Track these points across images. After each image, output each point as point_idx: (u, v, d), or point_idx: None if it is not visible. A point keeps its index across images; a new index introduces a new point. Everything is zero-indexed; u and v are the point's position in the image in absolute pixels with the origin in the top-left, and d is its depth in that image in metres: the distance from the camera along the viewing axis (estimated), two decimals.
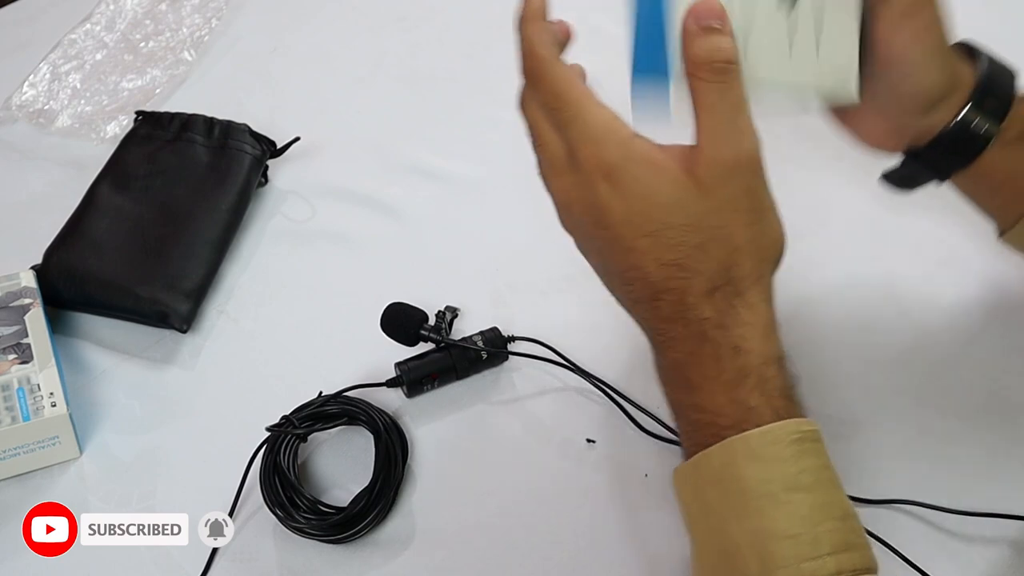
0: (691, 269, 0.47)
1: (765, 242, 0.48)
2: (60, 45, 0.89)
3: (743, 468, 0.45)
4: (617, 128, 0.47)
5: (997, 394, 0.64)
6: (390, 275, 0.72)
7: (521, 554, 0.58)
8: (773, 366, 0.46)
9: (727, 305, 0.46)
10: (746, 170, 0.46)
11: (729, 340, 0.46)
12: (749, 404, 0.46)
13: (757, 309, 0.47)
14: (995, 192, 0.59)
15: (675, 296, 0.47)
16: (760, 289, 0.47)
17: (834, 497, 0.45)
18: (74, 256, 0.70)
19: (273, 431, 0.60)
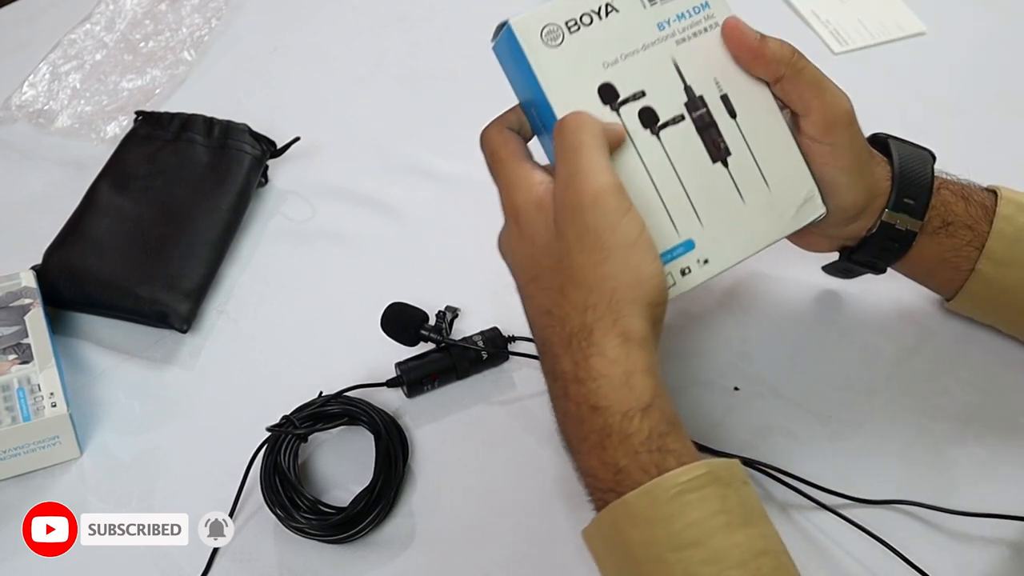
0: (556, 316, 0.47)
1: (620, 282, 0.46)
2: (60, 45, 0.89)
3: (627, 533, 0.44)
4: (528, 176, 0.49)
5: (997, 394, 0.64)
6: (390, 275, 0.72)
7: (521, 554, 0.58)
8: (636, 418, 0.45)
9: (581, 356, 0.46)
10: (587, 209, 0.46)
11: (586, 398, 0.45)
12: (618, 465, 0.44)
13: (612, 356, 0.45)
14: (931, 274, 0.61)
15: (548, 348, 0.48)
16: (617, 333, 0.45)
17: (732, 541, 0.43)
18: (74, 256, 0.70)
19: (273, 431, 0.60)
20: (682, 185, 0.51)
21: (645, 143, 0.51)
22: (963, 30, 0.91)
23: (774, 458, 0.60)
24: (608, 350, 0.45)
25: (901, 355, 0.66)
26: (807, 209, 0.54)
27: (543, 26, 0.50)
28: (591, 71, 0.50)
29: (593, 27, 0.50)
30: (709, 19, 0.52)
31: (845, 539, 0.57)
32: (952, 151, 0.79)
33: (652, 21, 0.51)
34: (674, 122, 0.51)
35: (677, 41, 0.52)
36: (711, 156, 0.52)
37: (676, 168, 0.51)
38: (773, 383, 0.65)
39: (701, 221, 0.51)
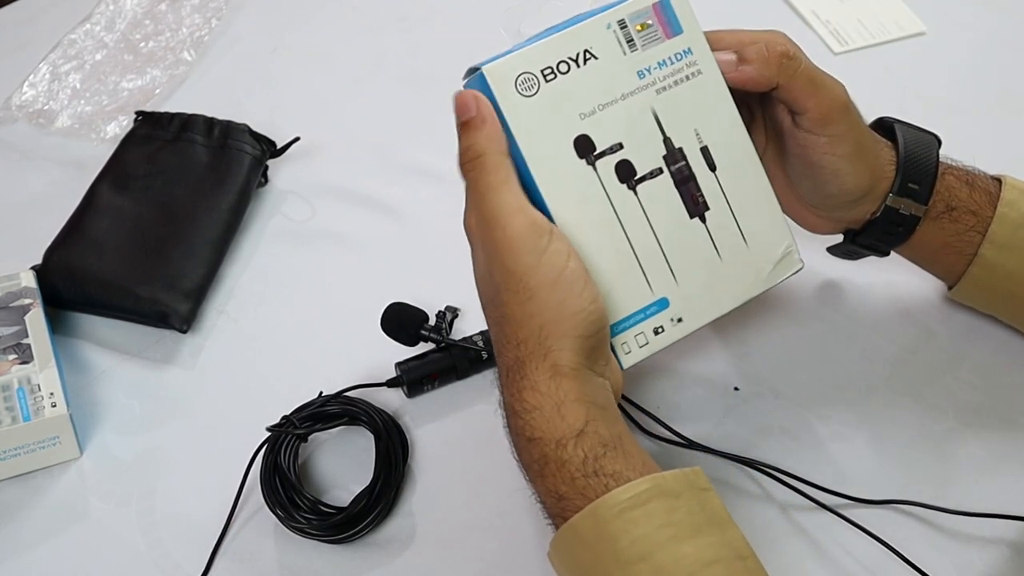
0: (499, 347, 0.48)
1: (546, 318, 0.46)
2: (60, 45, 0.89)
3: (578, 555, 0.45)
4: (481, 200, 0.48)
5: (997, 394, 0.64)
6: (390, 275, 0.72)
7: (521, 554, 0.58)
8: (570, 445, 0.45)
9: (516, 389, 0.47)
10: (504, 253, 0.46)
11: (522, 429, 0.47)
12: (559, 492, 0.45)
13: (543, 389, 0.46)
14: (934, 258, 0.61)
15: (497, 376, 0.49)
16: (547, 367, 0.46)
17: (679, 553, 0.43)
18: (74, 256, 0.70)
19: (273, 431, 0.60)
20: (658, 242, 0.50)
21: (621, 198, 0.49)
22: (963, 30, 0.91)
23: (774, 458, 0.60)
24: (539, 384, 0.46)
25: (901, 355, 0.66)
26: (784, 265, 0.53)
27: (518, 75, 0.48)
28: (566, 122, 0.49)
29: (570, 75, 0.48)
30: (692, 66, 0.50)
31: (845, 539, 0.57)
32: (952, 151, 0.79)
33: (632, 69, 0.49)
34: (651, 176, 0.50)
35: (657, 90, 0.50)
36: (689, 211, 0.50)
37: (652, 224, 0.50)
38: (773, 383, 0.65)
39: (676, 279, 0.50)
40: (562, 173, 0.48)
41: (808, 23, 0.92)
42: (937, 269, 0.63)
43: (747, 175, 0.52)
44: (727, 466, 0.60)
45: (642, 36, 0.49)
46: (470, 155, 0.48)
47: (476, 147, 0.48)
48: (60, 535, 0.60)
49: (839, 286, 0.69)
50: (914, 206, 0.57)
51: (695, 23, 0.51)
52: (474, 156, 0.48)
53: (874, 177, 0.56)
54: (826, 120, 0.52)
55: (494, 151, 0.48)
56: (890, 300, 0.68)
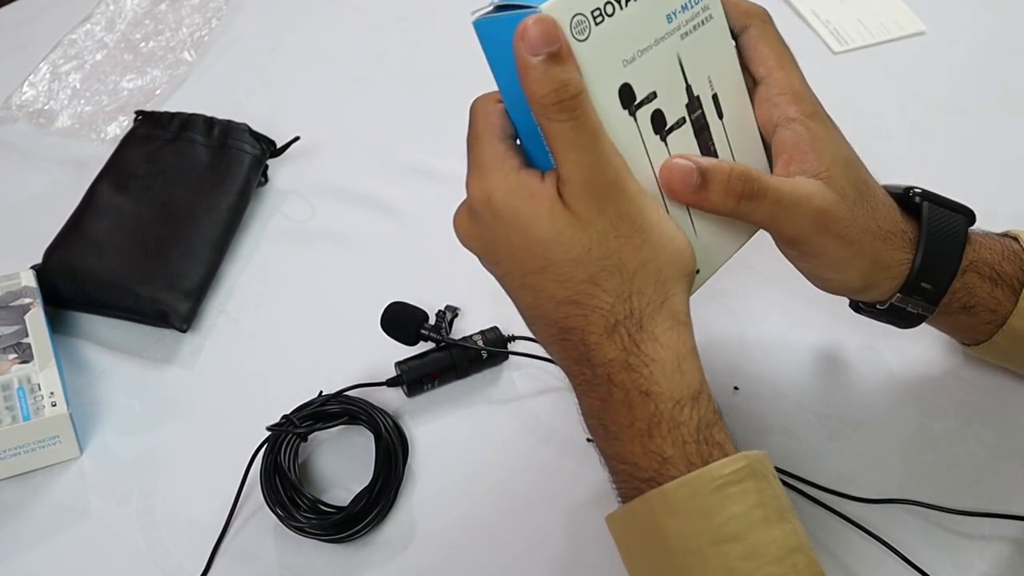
0: (587, 305, 0.44)
1: (662, 261, 0.44)
2: (60, 45, 0.89)
3: (665, 524, 0.43)
4: (504, 159, 0.45)
5: (997, 393, 0.64)
6: (390, 274, 0.72)
7: (522, 554, 0.58)
8: (687, 407, 0.44)
9: (631, 343, 0.44)
10: (616, 196, 0.44)
11: (637, 384, 0.44)
12: (664, 455, 0.43)
13: (664, 341, 0.44)
14: (950, 331, 0.60)
15: (577, 336, 0.45)
16: (666, 315, 0.44)
17: (770, 536, 0.42)
18: (74, 256, 0.70)
19: (274, 430, 0.60)
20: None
21: (655, 149, 0.47)
22: (963, 30, 0.91)
23: (774, 457, 0.60)
24: (660, 334, 0.44)
25: (901, 354, 0.66)
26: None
27: (573, 15, 0.43)
28: (612, 69, 0.45)
29: (615, 18, 0.45)
30: (706, 10, 0.49)
31: (845, 538, 0.57)
32: (952, 151, 0.80)
33: (663, 12, 0.47)
34: (678, 126, 0.48)
35: (682, 35, 0.48)
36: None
37: None
38: (773, 382, 0.65)
39: (695, 230, 0.49)
40: (611, 125, 0.45)
41: (808, 23, 0.92)
42: (952, 336, 0.62)
43: (744, 121, 0.51)
44: None
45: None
46: (570, 91, 0.42)
47: (576, 83, 0.42)
48: (60, 534, 0.60)
49: None
50: (923, 305, 0.53)
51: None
52: (574, 93, 0.42)
53: (869, 279, 0.52)
54: (791, 243, 0.50)
55: (586, 90, 0.43)
56: None
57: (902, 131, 0.82)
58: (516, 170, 0.45)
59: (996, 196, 0.58)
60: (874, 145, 0.55)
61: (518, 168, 0.45)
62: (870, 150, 0.53)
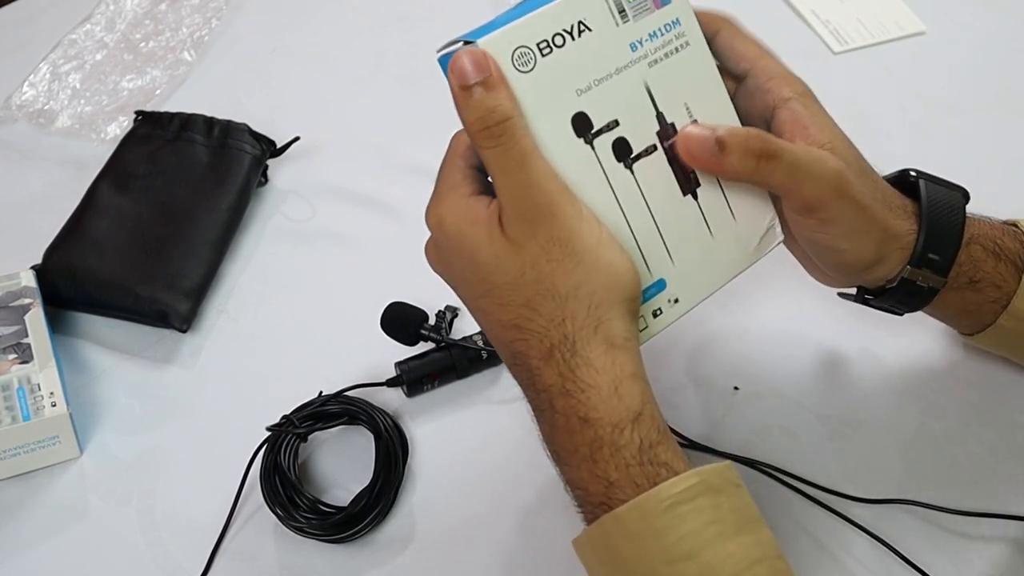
0: (526, 330, 0.45)
1: (596, 284, 0.44)
2: (60, 45, 0.89)
3: (620, 547, 0.43)
4: (459, 185, 0.47)
5: (997, 393, 0.64)
6: (390, 275, 0.71)
7: (522, 554, 0.58)
8: (627, 429, 0.43)
9: (566, 368, 0.44)
10: (546, 220, 0.44)
11: (575, 410, 0.44)
12: (609, 479, 0.43)
13: (599, 365, 0.44)
14: (950, 319, 0.60)
15: (523, 360, 0.45)
16: (600, 340, 0.44)
17: (725, 552, 0.42)
18: (74, 256, 0.70)
19: (273, 431, 0.60)
20: (654, 221, 0.48)
21: (618, 177, 0.47)
22: (963, 30, 0.91)
23: (774, 457, 0.60)
24: (594, 359, 0.44)
25: (901, 353, 0.66)
26: (769, 238, 0.52)
27: (515, 49, 0.44)
28: (564, 99, 0.46)
29: (565, 49, 0.45)
30: (680, 38, 0.49)
31: (845, 538, 0.57)
32: (952, 151, 0.80)
33: (625, 41, 0.47)
34: (647, 153, 0.48)
35: (650, 63, 0.48)
36: (682, 188, 0.49)
37: (648, 203, 0.48)
38: (772, 382, 0.65)
39: (672, 259, 0.49)
40: (561, 154, 0.46)
41: (808, 23, 0.92)
42: (953, 324, 0.61)
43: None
44: None
45: (633, 6, 0.47)
46: (496, 118, 0.43)
47: (503, 109, 0.43)
48: (60, 534, 0.60)
49: None
50: (933, 278, 0.53)
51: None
52: (502, 119, 0.43)
53: (882, 249, 0.52)
54: (811, 208, 0.49)
55: (519, 114, 0.44)
56: None
57: (902, 131, 0.82)
58: (467, 196, 0.46)
59: (996, 196, 0.58)
60: (874, 145, 0.54)
61: (469, 194, 0.46)
62: (870, 150, 0.53)
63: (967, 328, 0.60)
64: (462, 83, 0.44)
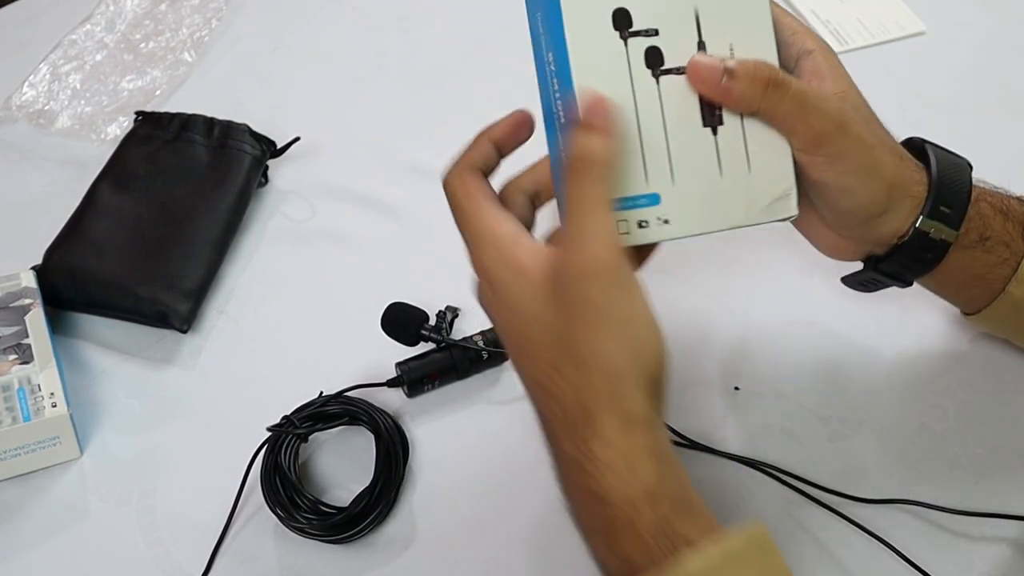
0: (552, 394, 0.44)
1: (620, 358, 0.43)
2: (60, 46, 0.89)
3: None
4: (498, 232, 0.46)
5: (998, 393, 0.64)
6: (390, 275, 0.72)
7: (522, 554, 0.58)
8: (643, 507, 0.42)
9: (583, 444, 0.43)
10: (595, 278, 0.43)
11: (591, 487, 0.43)
12: (628, 557, 0.42)
13: (615, 442, 0.42)
14: (959, 289, 0.59)
15: (548, 427, 0.45)
16: (618, 415, 0.42)
17: None
18: (74, 256, 0.70)
19: (274, 431, 0.60)
20: (666, 135, 0.48)
21: (642, 82, 0.48)
22: (963, 30, 0.91)
23: (775, 457, 0.61)
24: (613, 438, 0.42)
25: (901, 354, 0.66)
26: (780, 206, 0.51)
27: None
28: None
29: None
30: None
31: (846, 538, 0.57)
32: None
33: None
34: (678, 72, 0.48)
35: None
36: (703, 119, 0.49)
37: (665, 117, 0.48)
38: (773, 382, 0.65)
39: (673, 178, 0.49)
40: (594, 41, 0.47)
41: (808, 23, 0.92)
42: (961, 299, 0.61)
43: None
44: (728, 466, 0.60)
45: None
46: (589, 159, 0.44)
47: (599, 155, 0.44)
48: (60, 535, 0.60)
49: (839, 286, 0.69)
50: (945, 231, 0.53)
51: None
52: (593, 161, 0.44)
53: (894, 193, 0.52)
54: (817, 142, 0.49)
55: (613, 164, 0.45)
56: (891, 299, 0.68)
57: (902, 131, 0.81)
58: (511, 243, 0.45)
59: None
60: None
61: (513, 241, 0.46)
62: None
63: (973, 300, 0.59)
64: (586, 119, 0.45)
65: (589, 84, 0.47)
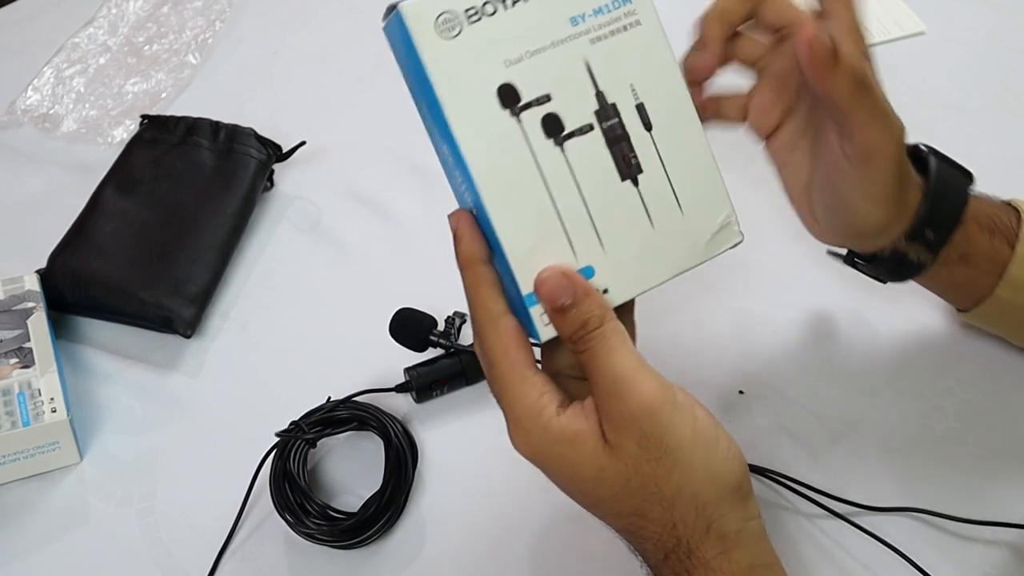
0: (640, 535, 0.44)
1: (697, 484, 0.42)
2: (63, 49, 0.88)
3: None
4: (538, 409, 0.44)
5: (998, 394, 0.64)
6: (399, 280, 0.71)
7: (532, 561, 0.58)
8: None
9: (683, 570, 0.43)
10: (644, 418, 0.42)
11: None
12: None
13: (716, 566, 0.42)
14: (944, 292, 0.60)
15: (641, 556, 0.45)
16: (713, 540, 0.42)
17: None
18: (78, 260, 0.70)
19: (283, 436, 0.60)
20: (585, 205, 0.45)
21: (546, 154, 0.45)
22: (963, 30, 0.91)
23: (775, 459, 0.61)
24: (710, 560, 0.42)
25: (902, 354, 0.66)
26: (723, 236, 0.48)
27: (439, 14, 0.43)
28: (491, 69, 0.44)
29: (496, 17, 0.44)
30: (630, 15, 0.46)
31: (847, 540, 0.58)
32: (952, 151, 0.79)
33: (565, 14, 0.45)
34: (581, 132, 0.45)
35: (592, 40, 0.45)
36: (620, 173, 0.46)
37: (579, 185, 0.45)
38: (774, 384, 0.65)
39: (603, 246, 0.46)
40: (483, 124, 0.44)
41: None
42: (948, 299, 0.61)
43: (685, 137, 0.47)
44: None
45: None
46: (591, 327, 0.43)
47: (596, 317, 0.43)
48: (61, 540, 0.60)
49: (842, 284, 0.70)
50: (924, 254, 0.53)
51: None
52: (596, 327, 0.43)
53: (892, 220, 0.52)
54: (868, 158, 0.48)
55: (610, 316, 0.44)
56: (892, 299, 0.69)
57: None
58: (555, 416, 0.44)
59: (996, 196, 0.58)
60: None
61: (556, 412, 0.44)
62: None
63: (962, 302, 0.60)
64: (555, 306, 0.43)
65: (490, 176, 0.44)
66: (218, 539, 0.59)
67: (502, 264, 0.45)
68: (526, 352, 0.45)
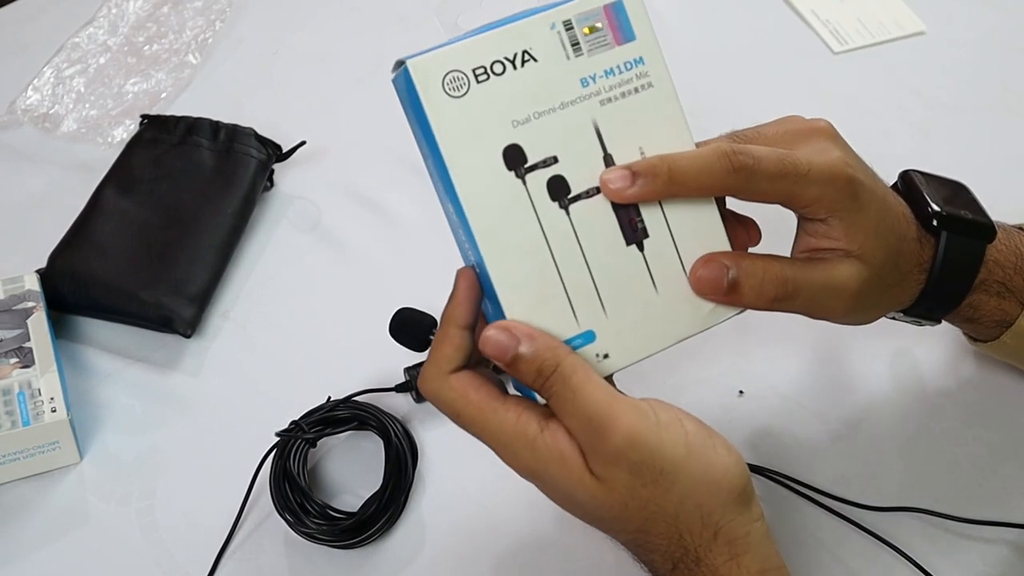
0: (646, 548, 0.44)
1: (700, 496, 0.42)
2: (63, 49, 0.88)
3: None
4: (520, 431, 0.44)
5: (998, 394, 0.64)
6: (399, 280, 0.71)
7: (532, 560, 0.58)
8: None
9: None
10: (630, 450, 0.42)
11: None
12: None
13: (724, 572, 0.43)
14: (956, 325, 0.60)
15: (651, 566, 0.45)
16: (721, 547, 0.43)
17: None
18: (78, 260, 0.69)
19: (283, 436, 0.60)
20: (588, 269, 0.45)
21: (551, 217, 0.44)
22: (963, 30, 0.91)
23: (775, 459, 0.61)
24: (719, 566, 0.43)
25: (902, 355, 0.66)
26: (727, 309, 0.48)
27: (446, 73, 0.43)
28: (497, 130, 0.44)
29: (505, 77, 0.43)
30: (642, 77, 0.45)
31: (847, 540, 0.58)
32: (952, 151, 0.80)
33: (575, 76, 0.44)
34: (587, 195, 0.45)
35: (602, 101, 0.45)
36: (625, 238, 0.45)
37: (584, 248, 0.45)
38: (774, 383, 0.65)
39: (605, 311, 0.46)
40: (487, 185, 0.44)
41: (808, 23, 0.92)
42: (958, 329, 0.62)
43: (694, 203, 0.47)
44: None
45: (589, 40, 0.45)
46: (546, 372, 0.43)
47: (550, 361, 0.43)
48: (61, 540, 0.59)
49: None
50: (924, 321, 0.54)
51: (650, 29, 0.46)
52: (551, 370, 0.43)
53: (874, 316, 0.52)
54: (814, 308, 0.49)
55: (565, 353, 0.43)
56: None
57: (902, 131, 0.83)
58: (539, 433, 0.44)
59: (996, 196, 0.58)
60: (874, 145, 0.54)
61: (539, 429, 0.44)
62: (870, 150, 0.52)
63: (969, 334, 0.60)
64: (505, 362, 0.43)
65: (492, 237, 0.44)
66: (218, 539, 0.59)
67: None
68: (487, 388, 0.45)
